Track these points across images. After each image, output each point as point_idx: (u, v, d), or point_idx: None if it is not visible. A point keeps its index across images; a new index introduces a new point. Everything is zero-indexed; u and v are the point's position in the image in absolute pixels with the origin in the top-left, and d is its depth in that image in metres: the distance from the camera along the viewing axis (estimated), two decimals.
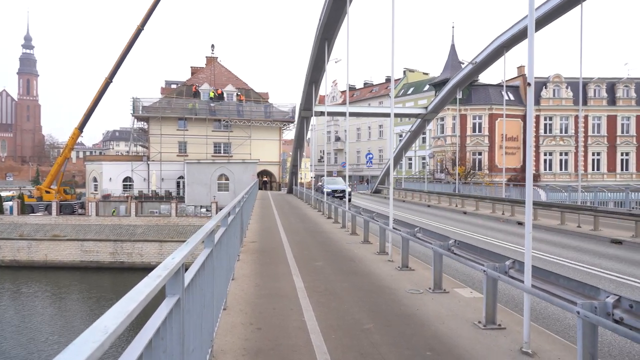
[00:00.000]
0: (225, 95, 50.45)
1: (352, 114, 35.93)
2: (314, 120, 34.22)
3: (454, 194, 28.15)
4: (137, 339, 1.65)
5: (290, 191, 41.10)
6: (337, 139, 68.16)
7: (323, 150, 69.56)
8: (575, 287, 4.21)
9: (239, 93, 51.12)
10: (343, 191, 25.95)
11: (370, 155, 47.47)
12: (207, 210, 38.08)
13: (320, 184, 29.33)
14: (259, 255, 9.86)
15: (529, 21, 4.42)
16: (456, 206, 25.15)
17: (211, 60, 54.49)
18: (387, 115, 35.33)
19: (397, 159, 37.42)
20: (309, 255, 9.94)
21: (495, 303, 5.36)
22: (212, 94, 49.36)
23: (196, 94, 49.73)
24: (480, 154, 43.34)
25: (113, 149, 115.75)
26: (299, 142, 36.02)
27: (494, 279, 5.18)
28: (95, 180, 46.46)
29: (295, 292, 6.81)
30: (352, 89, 69.32)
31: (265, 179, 54.76)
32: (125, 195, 43.40)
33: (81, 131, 46.52)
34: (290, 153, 44.05)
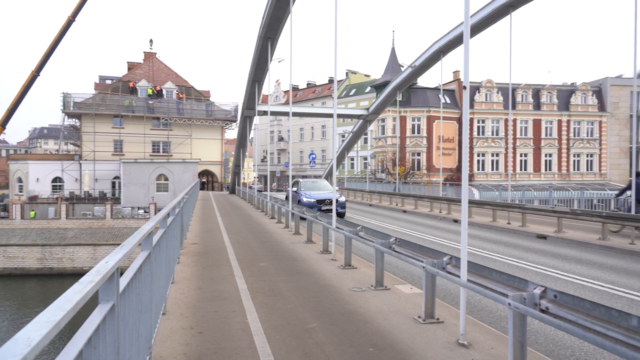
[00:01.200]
0: (164, 92, 48.76)
1: (295, 114, 35.95)
2: (256, 119, 33.89)
3: (394, 193, 28.93)
4: (66, 350, 1.54)
5: (232, 191, 40.44)
6: (281, 138, 67.96)
7: (266, 150, 69.10)
8: (506, 280, 4.46)
9: (179, 90, 49.60)
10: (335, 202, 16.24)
11: (314, 156, 47.75)
12: (145, 212, 36.60)
13: (294, 189, 19.98)
14: (200, 258, 9.61)
15: (464, 28, 4.62)
16: (396, 205, 25.86)
17: (149, 56, 52.47)
18: (330, 115, 35.72)
19: (340, 159, 37.94)
20: (252, 256, 9.82)
21: (433, 298, 5.56)
22: (150, 91, 47.53)
23: (133, 91, 47.67)
24: (419, 154, 44.86)
25: (41, 147, 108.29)
26: (242, 141, 35.54)
27: (432, 274, 5.37)
28: (20, 180, 43.26)
29: (238, 293, 6.70)
30: (295, 89, 69.36)
31: (206, 180, 53.53)
32: (55, 196, 40.75)
33: (4, 127, 43.13)
34: (233, 153, 43.36)
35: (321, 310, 5.91)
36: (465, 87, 4.50)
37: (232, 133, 62.84)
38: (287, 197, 18.27)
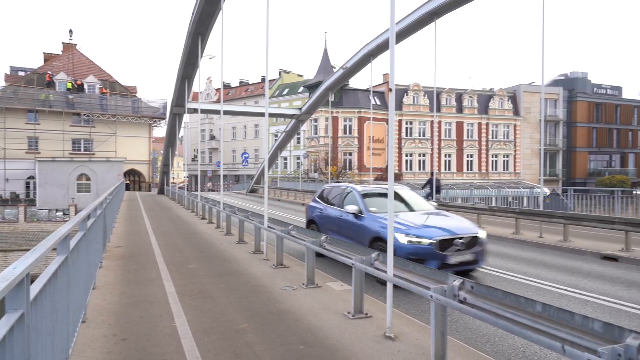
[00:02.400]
0: (86, 86, 45.85)
1: (227, 113, 35.31)
2: (187, 117, 32.89)
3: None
4: None
5: (161, 192, 38.92)
6: (212, 137, 66.43)
7: (197, 149, 67.20)
8: (429, 274, 4.70)
9: (102, 85, 46.86)
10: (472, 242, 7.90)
11: (246, 155, 47.20)
12: (64, 214, 34.21)
13: (326, 207, 10.32)
14: (125, 261, 9.17)
15: (390, 34, 4.81)
16: None
17: (69, 47, 49.09)
18: (263, 115, 35.51)
19: (273, 158, 37.81)
20: (181, 259, 9.53)
21: (362, 294, 5.73)
22: (70, 85, 44.46)
23: (50, 84, 44.33)
24: (350, 154, 45.83)
25: None
26: (171, 140, 34.30)
27: (361, 271, 5.53)
28: None
29: (166, 297, 6.48)
30: (227, 87, 68.09)
31: (132, 180, 51.05)
32: None
33: None
34: (162, 152, 41.72)
35: (252, 311, 5.87)
36: (391, 90, 4.69)
37: (161, 131, 60.45)
38: (311, 223, 10.73)
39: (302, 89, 53.48)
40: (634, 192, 28.16)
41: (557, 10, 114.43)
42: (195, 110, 29.68)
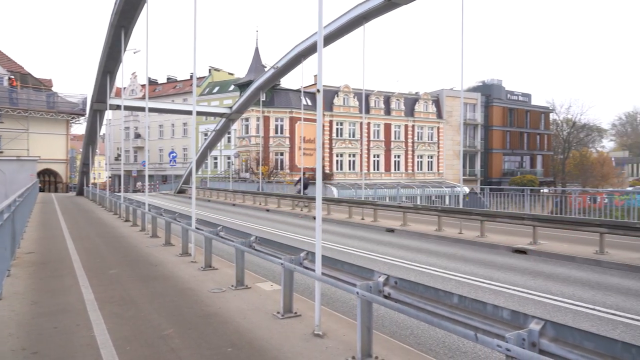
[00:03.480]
0: None
1: (152, 110, 33.85)
2: (109, 114, 31.12)
3: (257, 192, 29.10)
4: None
5: (80, 193, 36.52)
6: (137, 136, 63.34)
7: (120, 148, 63.75)
8: (355, 272, 4.84)
9: (11, 77, 42.97)
10: None
11: (174, 154, 45.58)
12: None
13: None
14: (37, 268, 8.50)
15: (318, 37, 4.88)
16: (260, 204, 26.06)
17: None
18: (191, 112, 34.47)
19: (202, 158, 36.85)
20: (101, 264, 9.01)
21: (292, 293, 5.76)
22: None
23: None
24: (282, 154, 45.79)
25: None
26: (91, 138, 32.28)
27: (290, 270, 5.57)
28: None
29: (83, 305, 6.10)
30: (154, 83, 65.27)
31: (47, 180, 47.39)
32: None
33: None
34: (81, 150, 39.11)
35: (178, 315, 5.70)
36: (319, 91, 4.76)
37: (80, 128, 56.62)
38: None
39: (232, 87, 52.59)
40: (541, 191, 30.72)
41: (476, 21, 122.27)
42: (118, 107, 28.16)
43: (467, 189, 28.79)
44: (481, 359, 4.71)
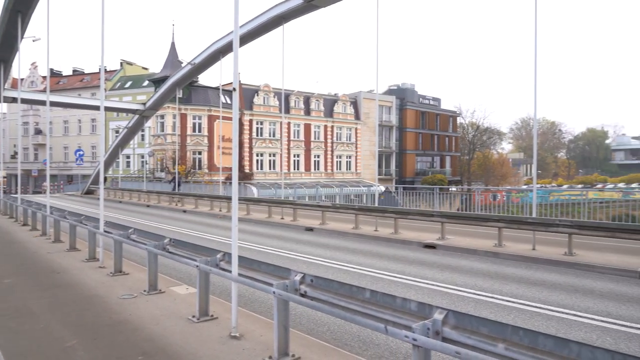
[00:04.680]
0: None
1: (55, 104, 31.30)
2: (4, 107, 28.16)
3: (174, 193, 28.02)
4: None
5: None
6: (38, 132, 57.97)
7: (17, 144, 57.93)
8: (272, 271, 4.86)
9: None
10: None
11: (81, 152, 42.38)
12: None
13: None
14: None
15: (234, 36, 4.83)
16: (176, 205, 25.12)
17: None
18: (99, 108, 32.25)
19: (113, 156, 34.68)
20: None
21: (208, 296, 5.64)
22: None
23: None
24: (200, 153, 44.45)
25: None
26: None
27: (206, 272, 5.44)
28: None
29: None
30: (57, 75, 60.19)
31: None
32: None
33: None
34: None
35: (83, 325, 5.33)
36: (235, 89, 4.71)
37: None
38: None
39: (146, 82, 50.07)
40: (450, 189, 32.83)
41: (392, 26, 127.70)
42: (14, 99, 25.60)
43: (382, 188, 29.98)
44: (393, 350, 4.94)
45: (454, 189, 37.66)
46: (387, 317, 3.70)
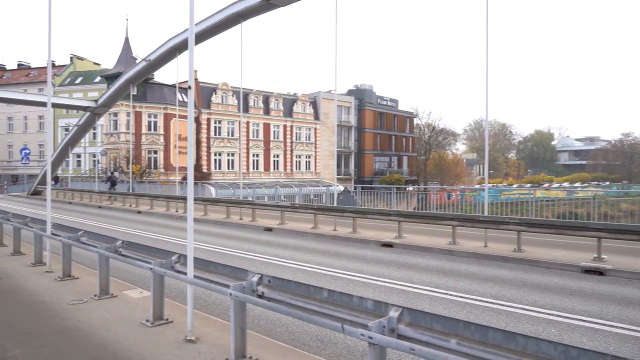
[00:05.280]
0: None
1: None
2: None
3: (128, 193, 27.11)
4: None
5: None
6: None
7: None
8: (229, 273, 4.79)
9: None
10: None
11: (27, 151, 40.19)
12: None
13: None
14: None
15: (189, 34, 4.73)
16: (130, 206, 24.32)
17: None
18: (46, 104, 30.74)
19: (62, 155, 33.14)
20: None
21: (162, 299, 5.49)
22: None
23: None
24: (156, 152, 43.23)
25: None
26: None
27: (160, 275, 5.30)
28: None
29: None
30: (1, 69, 56.96)
31: None
32: None
33: None
34: None
35: (28, 334, 5.06)
36: (190, 87, 4.61)
37: None
38: None
39: (99, 78, 48.20)
40: (407, 189, 33.51)
41: (351, 27, 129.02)
42: None
43: (341, 188, 30.22)
44: (350, 348, 4.99)
45: (410, 188, 38.50)
46: (344, 316, 3.73)
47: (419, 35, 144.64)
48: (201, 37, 20.16)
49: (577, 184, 71.22)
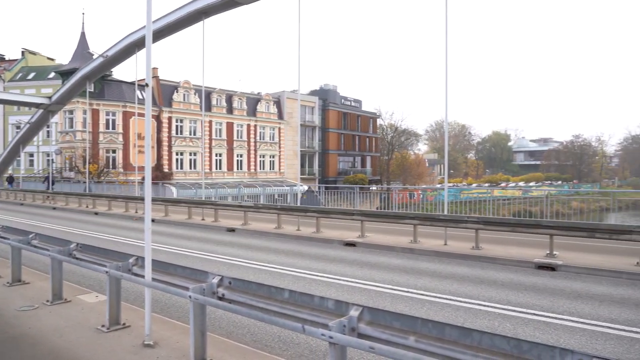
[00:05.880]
0: None
1: None
2: None
3: (84, 194, 26.15)
4: None
5: None
6: None
7: None
8: (189, 275, 4.70)
9: None
10: None
11: None
12: None
13: None
14: None
15: (146, 32, 4.60)
16: (87, 207, 23.46)
17: None
18: None
19: (13, 154, 31.61)
20: None
21: (119, 303, 5.33)
22: None
23: None
24: (114, 151, 41.88)
25: None
26: None
27: (117, 278, 5.14)
28: None
29: None
30: None
31: None
32: None
33: None
34: None
35: None
36: (147, 85, 4.49)
37: None
38: None
39: (53, 74, 46.25)
40: (370, 188, 33.91)
41: (315, 27, 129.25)
42: None
43: (305, 188, 30.23)
44: (313, 348, 4.99)
45: (374, 188, 38.98)
46: (306, 316, 3.73)
47: (382, 36, 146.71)
48: (162, 33, 19.71)
49: (532, 184, 74.18)
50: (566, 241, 10.42)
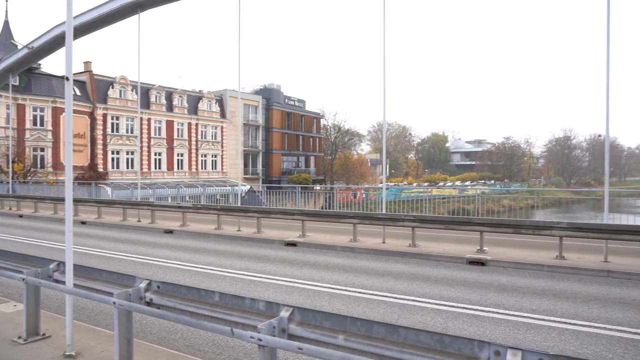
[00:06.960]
0: None
1: None
2: None
3: (7, 195, 24.30)
4: None
5: None
6: None
7: None
8: (115, 279, 4.47)
9: None
10: None
11: None
12: None
13: None
14: None
15: (66, 27, 4.33)
16: (10, 209, 21.82)
17: None
18: None
19: None
20: None
21: (38, 312, 4.97)
22: None
23: None
24: (43, 150, 39.24)
25: None
26: None
27: (35, 286, 4.79)
28: None
29: None
30: None
31: None
32: None
33: None
34: None
35: None
36: (67, 79, 4.22)
37: None
38: None
39: None
40: (314, 188, 34.08)
41: (258, 26, 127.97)
42: None
43: (247, 187, 29.85)
44: (247, 351, 4.91)
45: (318, 187, 39.21)
46: (236, 319, 3.65)
47: (326, 37, 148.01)
48: (94, 25, 18.72)
49: (467, 183, 77.76)
50: (495, 237, 10.99)
